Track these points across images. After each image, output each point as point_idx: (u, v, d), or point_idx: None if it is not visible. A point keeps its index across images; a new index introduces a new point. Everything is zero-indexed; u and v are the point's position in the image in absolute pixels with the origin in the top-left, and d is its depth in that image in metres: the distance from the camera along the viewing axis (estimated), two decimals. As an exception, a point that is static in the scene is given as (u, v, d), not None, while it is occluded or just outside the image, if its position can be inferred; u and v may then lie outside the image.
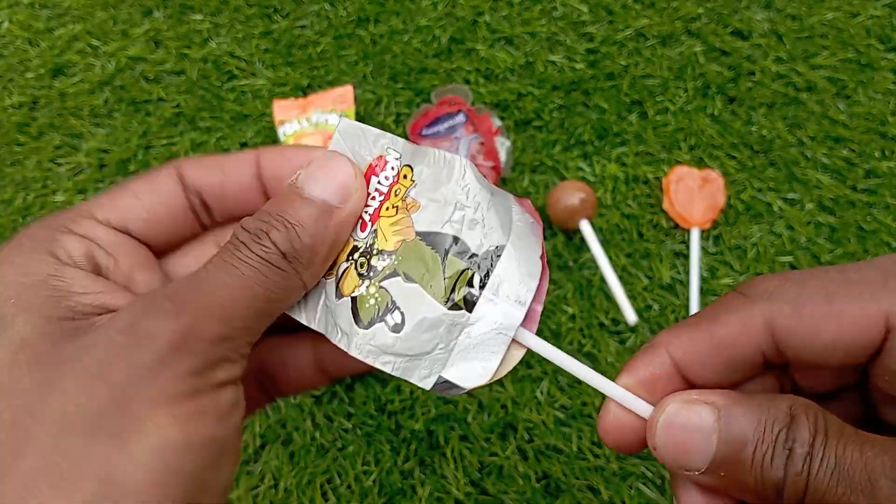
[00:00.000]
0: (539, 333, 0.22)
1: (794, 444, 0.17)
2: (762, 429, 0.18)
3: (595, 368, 0.21)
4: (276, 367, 0.26)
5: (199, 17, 0.66)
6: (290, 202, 0.21)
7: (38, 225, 0.22)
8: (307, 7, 0.66)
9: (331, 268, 0.23)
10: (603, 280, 0.56)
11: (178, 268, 0.25)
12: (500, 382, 0.54)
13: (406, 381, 0.27)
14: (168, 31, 0.66)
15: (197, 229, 0.25)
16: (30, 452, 0.17)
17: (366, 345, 0.21)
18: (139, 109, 0.63)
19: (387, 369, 0.21)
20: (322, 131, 0.58)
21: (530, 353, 0.22)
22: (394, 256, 0.22)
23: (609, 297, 0.56)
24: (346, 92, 0.61)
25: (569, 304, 0.56)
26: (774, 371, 0.21)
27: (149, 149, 0.62)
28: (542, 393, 0.53)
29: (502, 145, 0.59)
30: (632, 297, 0.56)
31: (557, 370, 0.54)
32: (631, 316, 0.54)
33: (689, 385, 0.20)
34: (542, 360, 0.54)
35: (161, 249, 0.24)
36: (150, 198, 0.23)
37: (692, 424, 0.19)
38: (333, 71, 0.63)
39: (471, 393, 0.54)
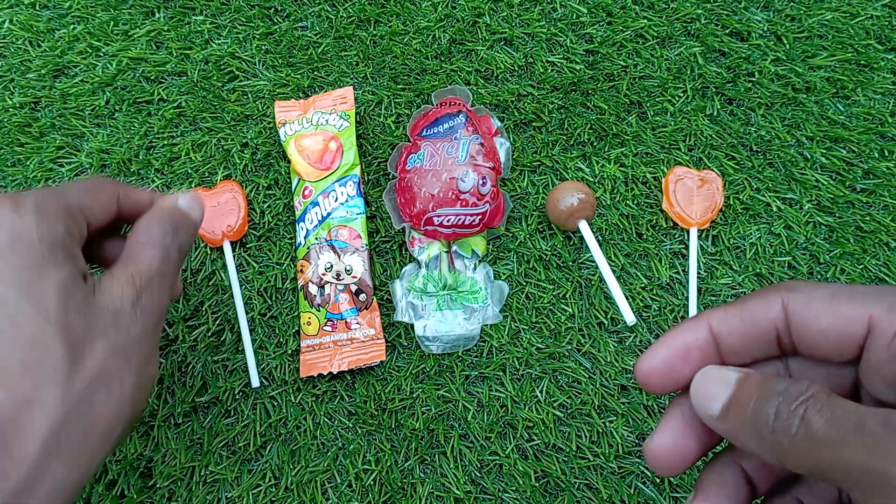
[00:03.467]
0: (539, 333, 0.25)
1: (789, 392, 0.21)
2: (767, 385, 0.22)
3: (594, 368, 0.23)
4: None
5: (200, 18, 0.66)
6: (166, 200, 0.39)
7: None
8: (308, 8, 0.66)
9: None
10: (602, 280, 0.57)
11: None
12: (499, 382, 0.54)
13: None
14: (169, 32, 0.66)
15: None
16: None
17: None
18: (141, 110, 0.64)
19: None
20: (322, 132, 0.58)
21: (528, 353, 0.26)
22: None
23: (608, 297, 0.56)
24: (347, 93, 0.61)
25: (568, 304, 0.56)
26: (781, 367, 0.26)
27: (150, 149, 0.62)
28: (541, 392, 0.54)
29: (502, 146, 0.60)
30: (630, 297, 0.56)
31: (557, 370, 0.54)
32: (630, 316, 0.55)
33: (720, 357, 0.25)
34: (542, 360, 0.54)
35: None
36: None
37: (718, 378, 0.24)
38: (334, 72, 0.63)
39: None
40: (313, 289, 0.45)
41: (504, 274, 0.57)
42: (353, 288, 0.44)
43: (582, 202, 0.56)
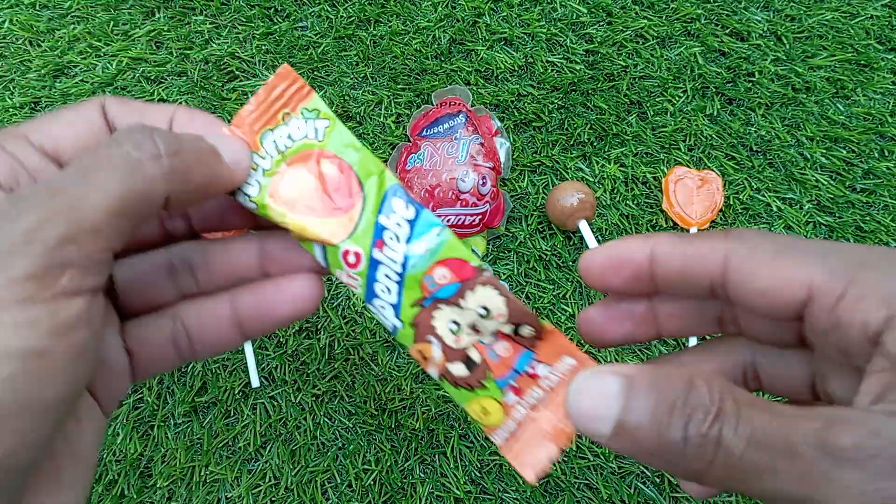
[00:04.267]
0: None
1: (694, 408, 0.18)
2: (659, 395, 0.19)
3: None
4: (193, 323, 0.26)
5: (200, 18, 0.66)
6: (195, 137, 0.22)
7: None
8: (308, 8, 0.66)
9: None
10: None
11: None
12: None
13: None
14: (169, 32, 0.66)
15: None
16: None
17: None
18: (140, 110, 0.64)
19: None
20: (300, 159, 0.58)
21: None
22: None
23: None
24: (286, 77, 0.44)
25: (568, 304, 0.56)
26: (724, 308, 0.24)
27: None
28: (541, 392, 0.54)
29: (502, 146, 0.60)
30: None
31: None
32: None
33: (652, 283, 0.24)
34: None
35: None
36: (79, 126, 0.23)
37: (599, 392, 0.20)
38: (334, 72, 0.63)
39: None
40: (459, 369, 0.27)
41: (504, 274, 0.57)
42: (507, 329, 0.26)
43: (582, 202, 0.56)
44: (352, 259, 0.26)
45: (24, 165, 0.22)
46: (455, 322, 0.26)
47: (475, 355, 0.27)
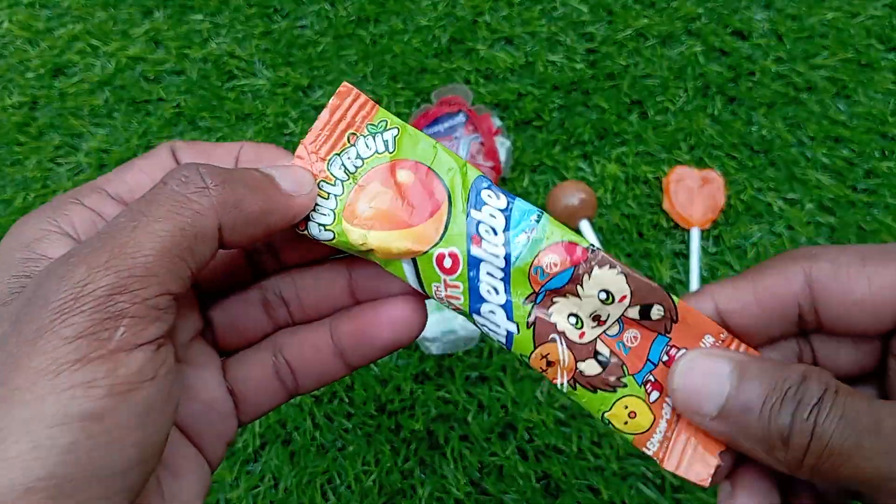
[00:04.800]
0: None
1: (804, 397, 0.18)
2: (774, 382, 0.19)
3: None
4: (294, 356, 0.24)
5: (199, 17, 0.66)
6: (242, 169, 0.21)
7: (58, 196, 0.22)
8: (307, 7, 0.66)
9: None
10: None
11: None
12: (499, 383, 0.54)
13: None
14: (168, 31, 0.66)
15: None
16: None
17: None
18: (139, 109, 0.63)
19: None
20: (374, 174, 0.57)
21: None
22: None
23: (609, 297, 0.56)
24: (348, 96, 0.55)
25: (569, 304, 0.56)
26: (800, 344, 0.23)
27: (149, 149, 0.62)
28: (542, 393, 0.53)
29: (502, 145, 0.59)
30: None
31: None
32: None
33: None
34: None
35: None
36: (153, 173, 0.22)
37: (710, 371, 0.20)
38: (333, 71, 0.63)
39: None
40: (591, 368, 0.23)
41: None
42: (634, 312, 0.23)
43: (583, 202, 0.55)
44: (448, 263, 0.23)
45: (103, 217, 0.21)
46: (574, 315, 0.23)
47: (604, 349, 0.23)
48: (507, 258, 0.23)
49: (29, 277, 0.19)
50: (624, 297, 0.22)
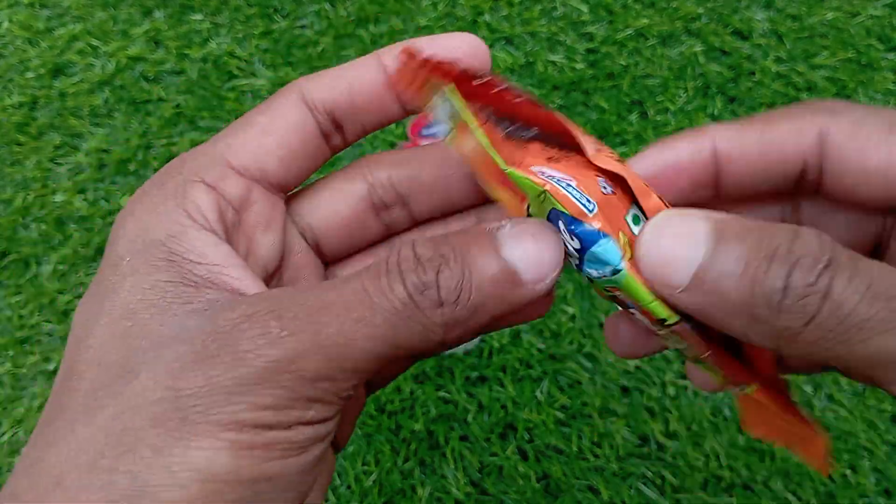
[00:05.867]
0: (540, 333, 0.21)
1: (801, 257, 0.15)
2: (760, 241, 0.15)
3: (595, 370, 0.22)
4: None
5: (198, 16, 0.66)
6: (480, 249, 0.17)
7: (169, 170, 0.19)
8: (307, 7, 0.66)
9: None
10: (603, 280, 0.56)
11: (309, 213, 0.22)
12: (499, 383, 0.54)
13: None
14: (168, 31, 0.66)
15: (328, 155, 0.21)
16: (84, 427, 0.16)
17: None
18: (139, 109, 0.63)
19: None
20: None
21: (528, 354, 0.21)
22: None
23: (609, 298, 0.56)
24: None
25: (569, 304, 0.56)
26: (785, 212, 0.20)
27: (149, 149, 0.62)
28: (542, 393, 0.53)
29: (502, 145, 0.59)
30: (632, 298, 0.56)
31: (558, 371, 0.54)
32: (631, 316, 0.54)
33: (716, 189, 0.19)
34: (543, 361, 0.54)
35: (292, 185, 0.21)
36: (281, 132, 0.20)
37: (682, 232, 0.16)
38: (333, 71, 0.63)
39: None
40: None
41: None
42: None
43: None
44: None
45: (227, 197, 0.19)
46: None
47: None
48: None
49: (186, 285, 0.17)
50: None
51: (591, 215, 0.17)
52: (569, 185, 0.18)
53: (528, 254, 0.17)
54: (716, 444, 0.51)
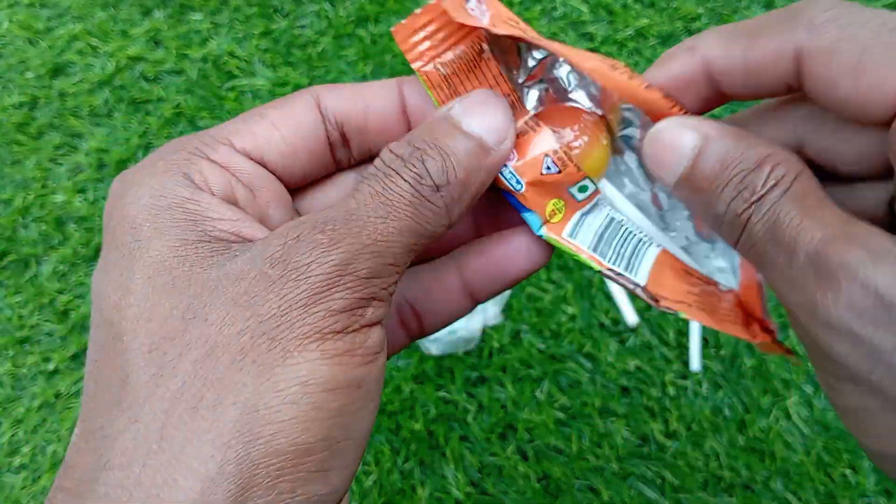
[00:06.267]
0: (540, 333, 0.22)
1: (748, 187, 0.18)
2: (726, 165, 0.18)
3: (595, 370, 0.22)
4: (420, 298, 0.24)
5: (198, 16, 0.66)
6: (445, 133, 0.19)
7: (171, 147, 0.20)
8: (307, 7, 0.66)
9: None
10: (603, 280, 0.56)
11: (314, 206, 0.23)
12: (499, 383, 0.54)
13: None
14: (168, 31, 0.66)
15: (331, 166, 0.23)
16: (170, 379, 0.16)
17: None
18: (139, 109, 0.63)
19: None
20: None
21: (529, 354, 0.22)
22: None
23: (609, 298, 0.56)
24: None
25: (569, 304, 0.56)
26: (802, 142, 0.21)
27: (148, 148, 0.62)
28: (541, 393, 0.53)
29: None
30: (632, 298, 0.56)
31: (558, 371, 0.54)
32: (631, 316, 0.54)
33: (716, 92, 0.21)
34: (543, 361, 0.54)
35: (293, 185, 0.22)
36: (288, 129, 0.21)
37: (673, 144, 0.20)
38: (333, 70, 0.63)
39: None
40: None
41: (504, 274, 0.57)
42: None
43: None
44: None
45: (235, 174, 0.20)
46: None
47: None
48: None
49: (214, 241, 0.18)
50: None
51: (518, 193, 0.22)
52: (505, 166, 0.21)
53: (485, 122, 0.20)
54: (716, 444, 0.51)
